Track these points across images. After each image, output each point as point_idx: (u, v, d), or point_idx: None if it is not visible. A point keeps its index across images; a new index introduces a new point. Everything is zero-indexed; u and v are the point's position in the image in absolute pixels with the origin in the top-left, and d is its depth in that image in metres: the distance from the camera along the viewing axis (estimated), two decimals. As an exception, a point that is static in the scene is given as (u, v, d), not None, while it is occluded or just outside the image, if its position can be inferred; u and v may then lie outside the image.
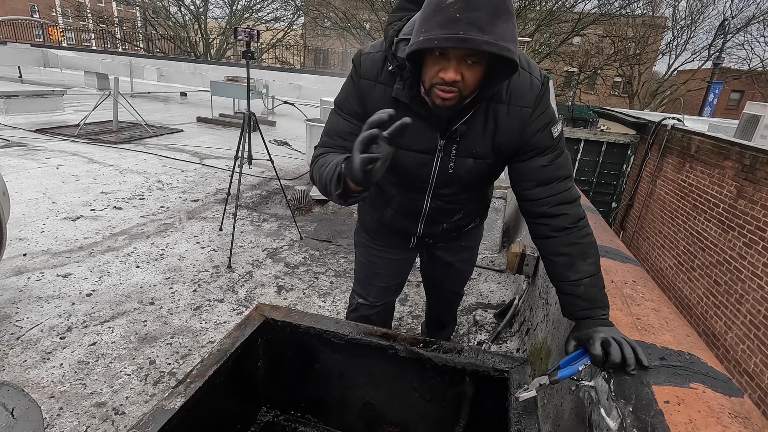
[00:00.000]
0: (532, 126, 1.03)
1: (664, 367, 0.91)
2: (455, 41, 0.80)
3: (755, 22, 22.54)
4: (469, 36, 0.79)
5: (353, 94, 1.10)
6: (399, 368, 1.22)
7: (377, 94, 1.05)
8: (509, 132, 1.03)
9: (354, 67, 1.09)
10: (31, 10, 35.62)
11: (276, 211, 4.10)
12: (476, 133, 1.04)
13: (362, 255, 1.53)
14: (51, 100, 8.03)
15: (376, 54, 1.06)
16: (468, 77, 0.88)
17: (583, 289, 1.01)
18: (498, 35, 0.80)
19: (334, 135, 1.12)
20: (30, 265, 2.68)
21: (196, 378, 1.02)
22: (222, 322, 2.32)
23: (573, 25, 19.87)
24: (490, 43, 0.79)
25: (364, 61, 1.07)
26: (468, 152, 1.07)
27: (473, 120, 1.02)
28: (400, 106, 1.03)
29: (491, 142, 1.05)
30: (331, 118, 1.15)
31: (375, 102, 1.06)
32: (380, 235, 1.43)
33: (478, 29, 0.79)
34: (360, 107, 1.09)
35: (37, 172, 4.45)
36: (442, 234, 1.36)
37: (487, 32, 0.79)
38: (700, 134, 6.42)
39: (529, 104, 1.01)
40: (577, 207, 1.07)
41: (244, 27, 2.98)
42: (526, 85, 1.00)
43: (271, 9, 24.46)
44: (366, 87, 1.06)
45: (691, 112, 17.60)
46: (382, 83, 1.05)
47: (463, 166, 1.10)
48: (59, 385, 1.77)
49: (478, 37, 0.79)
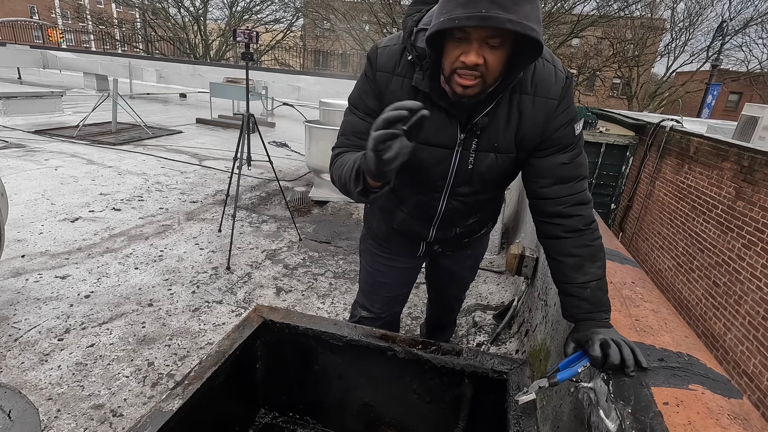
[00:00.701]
0: (556, 120, 0.99)
1: (663, 369, 0.91)
2: (477, 19, 0.76)
3: (753, 24, 22.62)
4: (491, 14, 0.76)
5: (368, 91, 1.06)
6: (398, 370, 1.21)
7: (394, 86, 1.02)
8: (534, 124, 0.99)
9: (369, 61, 1.06)
10: (31, 12, 35.64)
11: (275, 212, 4.10)
12: (499, 126, 1.00)
13: (368, 263, 1.48)
14: (50, 102, 8.03)
15: (393, 47, 1.03)
16: (491, 61, 0.84)
17: (590, 292, 1.00)
18: (522, 15, 0.77)
19: (350, 134, 1.09)
20: (28, 267, 2.67)
21: (194, 380, 1.02)
22: (221, 323, 2.32)
23: (572, 27, 19.91)
24: (514, 21, 0.76)
25: (380, 54, 1.04)
26: (490, 146, 1.03)
27: (496, 112, 0.98)
28: (419, 97, 1.00)
29: (514, 135, 1.01)
30: (346, 118, 1.12)
31: (392, 94, 1.03)
32: (388, 241, 1.39)
33: (501, 7, 0.76)
34: (376, 103, 1.05)
35: (35, 174, 4.44)
36: (453, 239, 1.31)
37: (511, 11, 0.76)
38: (698, 136, 6.44)
39: (555, 96, 0.98)
40: (590, 209, 1.05)
41: (244, 29, 2.98)
42: (552, 77, 0.98)
43: (270, 11, 24.51)
44: (383, 80, 1.03)
45: (690, 113, 17.64)
46: (399, 75, 1.02)
47: (483, 161, 1.05)
48: (57, 387, 1.76)
49: (501, 15, 0.75)
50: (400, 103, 0.79)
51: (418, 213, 1.23)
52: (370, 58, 1.06)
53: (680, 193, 6.56)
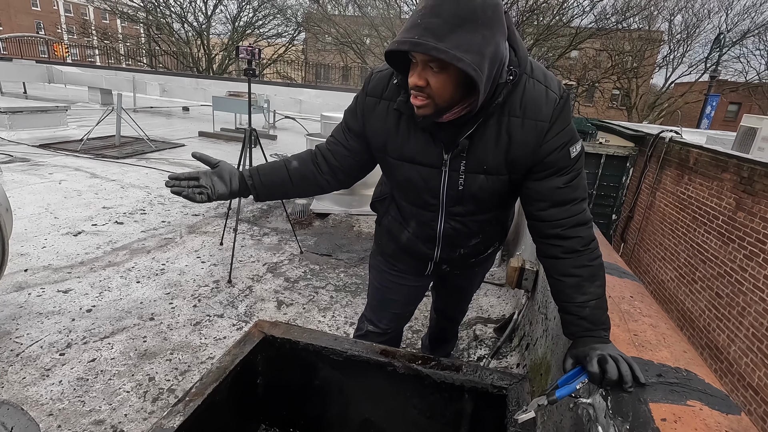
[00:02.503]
0: (549, 143, 0.98)
1: (661, 384, 0.92)
2: (409, 44, 0.81)
3: (750, 35, 22.87)
4: (421, 41, 0.80)
5: (356, 111, 1.14)
6: (398, 385, 1.22)
7: (380, 110, 1.08)
8: (524, 147, 0.99)
9: (363, 84, 1.13)
10: (37, 27, 36.25)
11: (276, 225, 4.12)
12: (487, 148, 1.01)
13: (376, 279, 1.50)
14: (55, 116, 8.13)
15: (383, 71, 1.08)
16: (434, 84, 0.88)
17: (589, 311, 1.00)
18: (454, 44, 0.79)
19: (332, 137, 1.21)
20: (31, 281, 2.68)
21: (195, 396, 1.02)
22: (222, 337, 2.32)
23: (570, 40, 20.16)
24: (440, 49, 0.79)
25: (373, 79, 1.10)
26: (479, 167, 1.04)
27: (483, 134, 1.00)
28: (403, 119, 1.05)
29: (504, 157, 1.01)
30: (339, 123, 1.22)
31: (377, 118, 1.09)
32: (396, 259, 1.41)
33: (433, 35, 0.80)
34: (359, 125, 1.14)
35: (39, 188, 4.48)
36: (459, 260, 1.33)
37: (442, 39, 0.79)
38: (698, 147, 6.46)
39: (546, 119, 0.97)
40: (590, 229, 1.04)
41: (246, 45, 3.04)
42: (542, 98, 0.96)
43: (272, 25, 24.86)
44: (370, 104, 1.10)
45: (689, 124, 17.72)
46: (386, 99, 1.07)
47: (474, 182, 1.07)
48: (58, 403, 1.76)
49: (430, 43, 0.79)
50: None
51: (421, 233, 1.26)
52: (365, 81, 1.13)
53: (681, 204, 6.57)
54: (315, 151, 1.22)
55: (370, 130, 1.12)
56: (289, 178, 1.18)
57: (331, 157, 1.19)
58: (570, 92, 1.03)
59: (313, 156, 1.21)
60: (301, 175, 1.19)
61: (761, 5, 24.80)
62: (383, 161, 1.16)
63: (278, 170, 1.18)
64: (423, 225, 1.23)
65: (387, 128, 1.08)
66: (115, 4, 23.29)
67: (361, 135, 1.14)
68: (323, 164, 1.19)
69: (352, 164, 1.19)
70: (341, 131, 1.19)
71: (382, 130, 1.09)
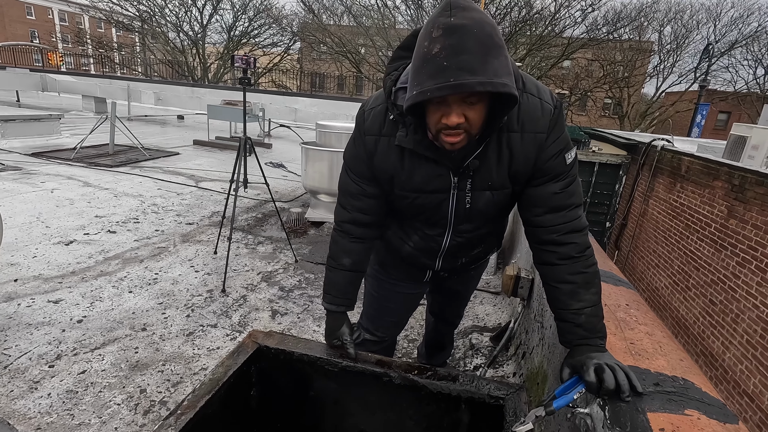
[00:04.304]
0: (547, 151, 1.01)
1: (659, 393, 0.91)
2: (448, 89, 0.79)
3: (738, 46, 23.32)
4: (460, 81, 0.78)
5: (358, 156, 1.12)
6: (394, 396, 1.20)
7: (382, 146, 1.07)
8: (526, 159, 1.01)
9: (357, 125, 1.11)
10: (31, 36, 36.19)
11: (271, 233, 4.09)
12: (491, 165, 1.03)
13: (373, 288, 1.50)
14: (48, 124, 8.08)
15: (377, 107, 1.07)
16: (472, 117, 0.87)
17: (584, 318, 1.00)
18: (491, 73, 0.79)
19: (347, 195, 1.18)
20: (21, 291, 2.64)
21: (187, 409, 1.00)
22: (215, 347, 2.29)
23: (563, 50, 20.45)
24: (484, 83, 0.79)
25: (367, 117, 1.08)
26: (484, 185, 1.06)
27: (486, 152, 1.01)
28: (406, 153, 1.04)
29: (507, 171, 1.03)
30: (342, 174, 1.19)
31: (381, 155, 1.07)
32: (394, 268, 1.41)
33: (469, 72, 0.78)
34: (367, 169, 1.11)
35: (31, 196, 4.44)
36: (459, 267, 1.35)
37: (479, 73, 0.78)
38: (689, 155, 6.54)
39: (544, 129, 0.99)
40: (585, 236, 1.06)
41: (241, 54, 3.04)
42: (537, 111, 0.98)
43: (268, 35, 25.02)
44: (371, 143, 1.08)
45: (681, 132, 17.96)
46: (385, 135, 1.06)
47: (480, 199, 1.09)
48: (46, 416, 1.72)
49: (471, 80, 0.78)
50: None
51: (424, 247, 1.26)
52: (357, 121, 1.11)
53: (674, 212, 6.62)
54: (346, 229, 1.20)
55: (376, 167, 1.10)
56: (356, 271, 1.24)
57: (362, 217, 1.18)
58: (563, 101, 1.04)
59: (348, 236, 1.20)
60: (360, 261, 1.23)
61: (748, 17, 25.38)
62: (390, 194, 1.15)
63: (349, 279, 1.24)
64: (427, 239, 1.23)
65: (392, 164, 1.07)
66: (110, 13, 23.35)
67: (374, 177, 1.13)
68: (360, 230, 1.19)
69: (382, 205, 1.18)
70: (352, 185, 1.16)
71: (387, 166, 1.08)
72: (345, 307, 1.25)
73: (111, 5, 22.10)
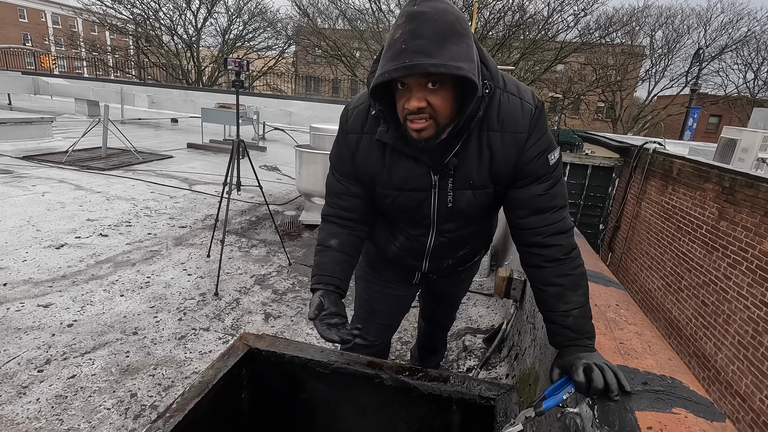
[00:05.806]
0: (528, 152, 1.00)
1: (647, 392, 0.92)
2: (403, 69, 0.82)
3: (728, 50, 23.63)
4: (415, 62, 0.81)
5: (342, 154, 1.12)
6: (385, 397, 1.20)
7: (364, 144, 1.07)
8: (506, 159, 1.01)
9: (341, 124, 1.11)
10: (24, 39, 35.96)
11: (265, 236, 4.08)
12: (472, 164, 1.03)
13: (363, 290, 1.49)
14: (39, 127, 8.02)
15: (360, 106, 1.08)
16: (435, 102, 0.88)
17: (572, 320, 1.00)
18: (446, 56, 0.81)
19: (332, 194, 1.18)
20: (10, 295, 2.61)
21: (176, 412, 0.99)
22: (207, 351, 2.27)
23: (556, 54, 20.63)
24: (437, 64, 0.81)
25: (350, 115, 1.09)
26: (465, 184, 1.06)
27: (466, 150, 1.01)
28: (387, 149, 1.05)
29: (488, 171, 1.03)
30: (329, 175, 1.19)
31: (363, 153, 1.08)
32: (383, 269, 1.40)
33: (424, 54, 0.81)
34: (351, 168, 1.12)
35: (21, 200, 4.39)
36: (447, 269, 1.35)
37: (434, 55, 0.81)
38: (680, 157, 6.60)
39: (524, 130, 0.99)
40: (570, 237, 1.05)
41: (235, 57, 3.04)
42: (518, 111, 0.98)
43: (263, 38, 25.02)
44: (353, 141, 1.09)
45: (673, 135, 18.13)
46: (368, 132, 1.06)
47: (462, 198, 1.08)
48: (34, 422, 1.70)
49: (425, 61, 0.81)
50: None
51: (409, 246, 1.25)
52: (341, 120, 1.11)
53: (666, 214, 6.68)
54: (332, 220, 1.18)
55: (358, 166, 1.10)
56: (343, 253, 1.16)
57: (347, 215, 1.17)
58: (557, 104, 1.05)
59: (334, 224, 1.18)
60: (346, 243, 1.17)
61: (737, 22, 25.71)
62: (374, 193, 1.15)
63: (336, 259, 1.15)
64: (412, 240, 1.23)
65: (373, 161, 1.08)
66: (104, 16, 23.25)
67: (356, 179, 1.13)
68: (346, 222, 1.17)
69: (368, 205, 1.17)
70: (337, 185, 1.16)
71: (369, 164, 1.08)
72: (333, 287, 1.13)
73: (105, 8, 22.02)
